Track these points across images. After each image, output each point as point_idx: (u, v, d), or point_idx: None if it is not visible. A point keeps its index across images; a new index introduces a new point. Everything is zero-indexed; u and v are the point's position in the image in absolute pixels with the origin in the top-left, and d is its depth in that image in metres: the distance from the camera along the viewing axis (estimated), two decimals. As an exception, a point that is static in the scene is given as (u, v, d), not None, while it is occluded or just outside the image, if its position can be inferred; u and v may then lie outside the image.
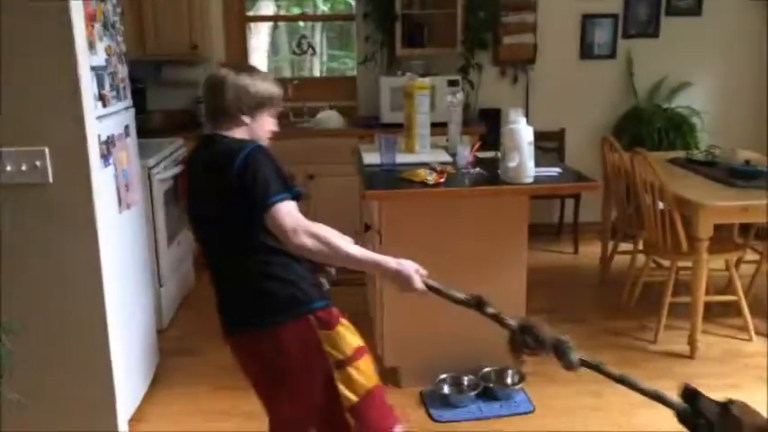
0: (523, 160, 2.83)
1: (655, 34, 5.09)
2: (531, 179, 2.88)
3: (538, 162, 2.95)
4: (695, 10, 5.07)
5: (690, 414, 1.66)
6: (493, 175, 2.97)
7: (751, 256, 4.07)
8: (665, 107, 5.05)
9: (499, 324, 1.82)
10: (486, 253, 3.06)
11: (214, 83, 1.90)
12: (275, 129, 2.01)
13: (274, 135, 2.02)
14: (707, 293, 3.46)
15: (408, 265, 1.80)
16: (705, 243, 3.26)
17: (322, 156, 4.52)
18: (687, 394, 1.68)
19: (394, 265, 1.79)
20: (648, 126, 4.89)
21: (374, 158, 3.25)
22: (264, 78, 1.94)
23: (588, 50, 5.11)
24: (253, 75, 1.93)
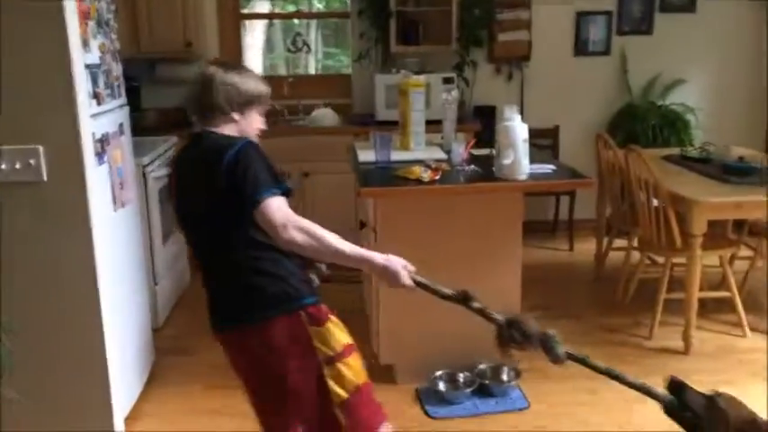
0: (518, 157, 2.84)
1: (649, 31, 5.11)
2: (526, 176, 2.89)
3: (532, 159, 2.96)
4: (689, 7, 5.08)
5: (676, 406, 1.67)
6: (488, 173, 2.98)
7: (745, 252, 4.09)
8: (660, 104, 5.07)
9: (486, 319, 1.83)
10: (481, 250, 3.07)
11: (204, 80, 1.91)
12: (264, 127, 2.02)
13: (266, 133, 2.02)
14: (701, 290, 3.47)
15: (396, 261, 1.82)
16: (699, 239, 3.27)
17: (317, 153, 4.52)
18: (674, 387, 1.69)
19: (382, 261, 1.80)
20: (643, 123, 4.91)
21: (369, 156, 3.26)
22: (253, 76, 1.97)
23: (582, 47, 5.12)
24: (241, 72, 1.95)
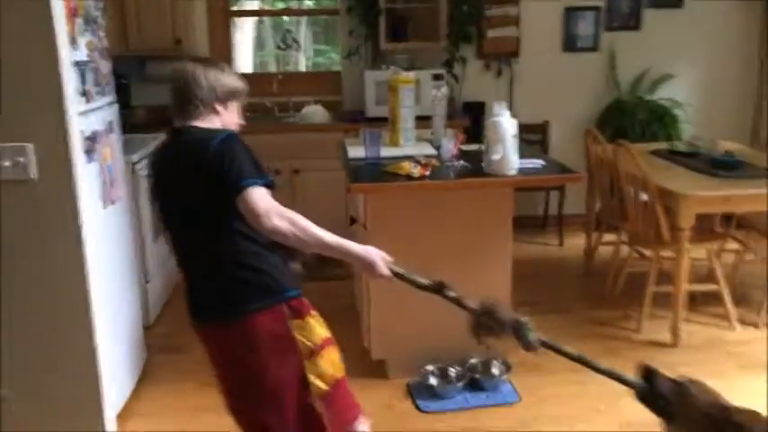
0: (507, 153, 2.86)
1: (637, 27, 5.13)
2: (515, 171, 2.91)
3: (521, 154, 2.97)
4: (676, 2, 5.11)
5: (648, 393, 1.70)
6: (477, 168, 3.00)
7: (732, 246, 4.13)
8: (648, 99, 5.09)
9: (460, 307, 1.86)
10: (471, 245, 3.09)
11: (186, 74, 1.91)
12: (242, 122, 2.05)
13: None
14: (689, 283, 3.50)
15: (374, 252, 1.86)
16: (686, 233, 3.30)
17: (307, 150, 4.52)
18: (645, 373, 1.71)
19: (361, 251, 1.85)
20: (631, 118, 4.93)
21: (359, 152, 3.27)
22: (230, 71, 2.00)
23: (571, 43, 5.14)
24: (220, 67, 1.98)
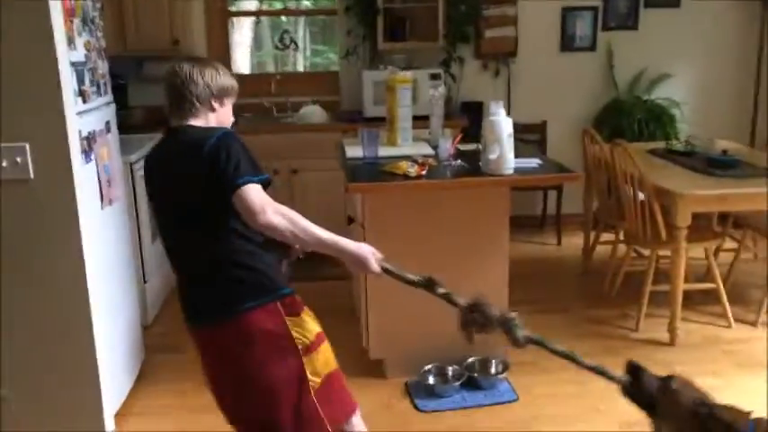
0: (504, 152, 2.86)
1: (634, 26, 5.14)
2: (512, 170, 2.91)
3: (519, 154, 2.98)
4: (674, 2, 5.12)
5: (633, 388, 1.72)
6: (474, 168, 3.00)
7: (730, 245, 4.14)
8: (645, 99, 5.10)
9: (449, 303, 1.87)
10: (468, 244, 3.09)
11: (182, 74, 1.93)
12: (234, 120, 2.07)
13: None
14: (686, 281, 3.51)
15: (366, 249, 1.88)
16: (683, 232, 3.30)
17: (306, 150, 4.52)
18: (631, 369, 1.73)
19: (353, 248, 1.86)
20: (629, 117, 4.94)
21: (357, 152, 3.27)
22: (223, 70, 2.02)
23: (569, 43, 5.15)
24: (213, 65, 1.99)
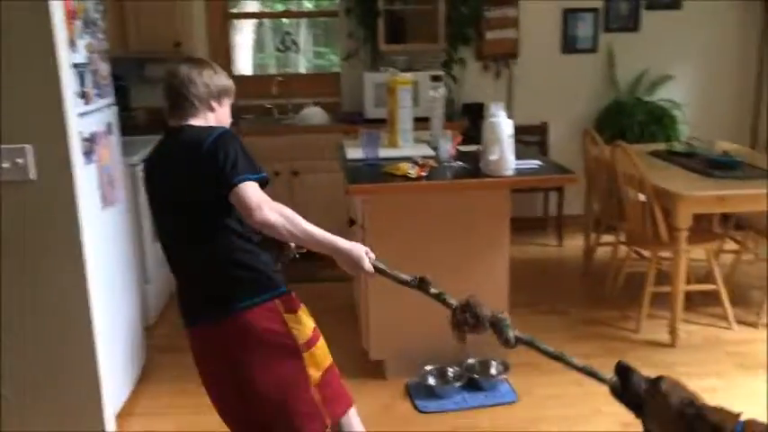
0: (504, 153, 2.87)
1: (635, 28, 5.14)
2: (512, 172, 2.92)
3: (519, 155, 2.99)
4: (675, 4, 5.12)
5: (621, 389, 1.72)
6: (475, 169, 3.01)
7: (731, 246, 4.14)
8: (646, 100, 5.10)
9: (441, 303, 1.88)
10: (468, 245, 3.10)
11: (182, 74, 1.95)
12: (231, 119, 2.09)
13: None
14: (687, 283, 3.51)
15: (359, 248, 1.89)
16: (684, 233, 3.30)
17: (307, 152, 4.53)
18: (620, 370, 1.74)
19: (348, 247, 1.87)
20: (630, 119, 4.95)
21: (357, 154, 3.28)
22: (220, 70, 2.04)
23: (570, 45, 5.15)
24: (210, 65, 2.02)
